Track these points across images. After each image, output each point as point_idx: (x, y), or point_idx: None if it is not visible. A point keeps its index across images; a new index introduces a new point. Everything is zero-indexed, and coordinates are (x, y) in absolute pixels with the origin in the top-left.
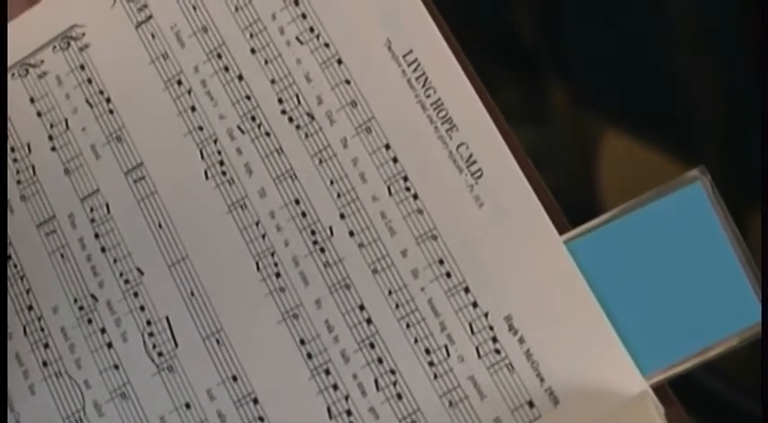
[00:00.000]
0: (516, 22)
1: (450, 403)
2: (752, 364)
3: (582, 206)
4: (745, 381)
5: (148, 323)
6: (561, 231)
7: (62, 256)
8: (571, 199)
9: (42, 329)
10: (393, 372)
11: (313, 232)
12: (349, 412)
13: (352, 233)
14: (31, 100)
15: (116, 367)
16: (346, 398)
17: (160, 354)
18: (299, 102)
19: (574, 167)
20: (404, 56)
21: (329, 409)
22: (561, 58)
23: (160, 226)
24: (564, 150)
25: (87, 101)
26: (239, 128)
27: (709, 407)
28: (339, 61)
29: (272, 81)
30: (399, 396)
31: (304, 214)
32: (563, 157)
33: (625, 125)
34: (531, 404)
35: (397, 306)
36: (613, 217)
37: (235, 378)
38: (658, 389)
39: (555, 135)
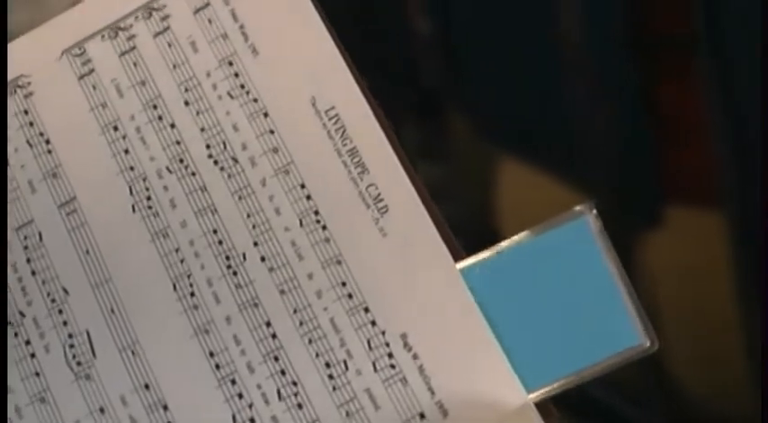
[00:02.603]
0: (418, 60)
1: (348, 413)
2: (631, 371)
3: (481, 234)
4: (628, 388)
5: (70, 336)
6: (458, 259)
7: None
8: (471, 228)
9: None
10: (295, 383)
11: (227, 258)
12: (252, 420)
13: (263, 258)
14: None
15: (37, 375)
16: (250, 406)
17: (79, 363)
18: (225, 147)
19: (473, 198)
20: (326, 111)
21: (234, 417)
22: (461, 94)
23: (87, 252)
24: (464, 182)
25: (28, 141)
26: (168, 168)
27: (592, 413)
28: (266, 114)
29: (202, 129)
30: (300, 406)
31: (221, 242)
32: (463, 188)
33: (522, 157)
34: (422, 416)
35: (301, 323)
36: (505, 247)
37: (147, 386)
38: (541, 403)
39: (456, 167)
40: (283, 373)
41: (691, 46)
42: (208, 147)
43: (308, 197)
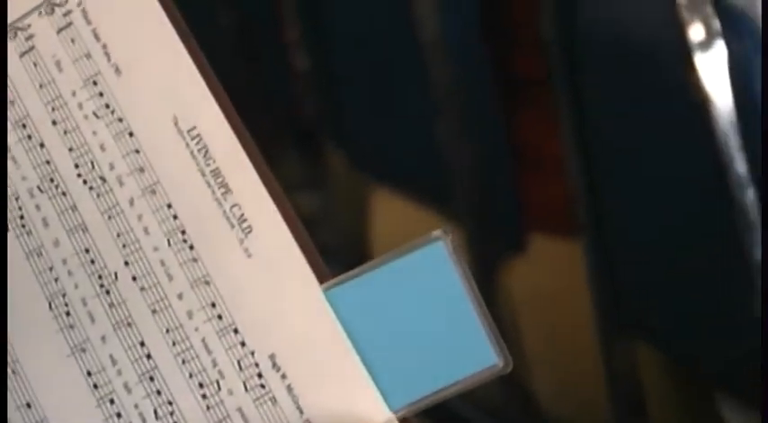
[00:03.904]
0: (297, 94)
1: None
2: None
3: (354, 259)
4: (489, 403)
5: None
6: (323, 281)
7: None
8: (345, 253)
9: None
10: (170, 403)
11: (100, 277)
12: None
13: (134, 278)
14: None
15: None
16: None
17: None
18: (93, 167)
19: (349, 225)
20: (188, 131)
21: None
22: (338, 126)
23: None
24: (340, 209)
25: None
26: (39, 188)
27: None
28: (131, 134)
29: (70, 149)
30: None
31: (93, 261)
32: (339, 215)
33: (395, 186)
34: None
35: (174, 343)
36: (366, 270)
37: (29, 405)
38: (404, 420)
39: (332, 196)
40: (159, 393)
41: (548, 84)
42: (77, 166)
43: (175, 217)
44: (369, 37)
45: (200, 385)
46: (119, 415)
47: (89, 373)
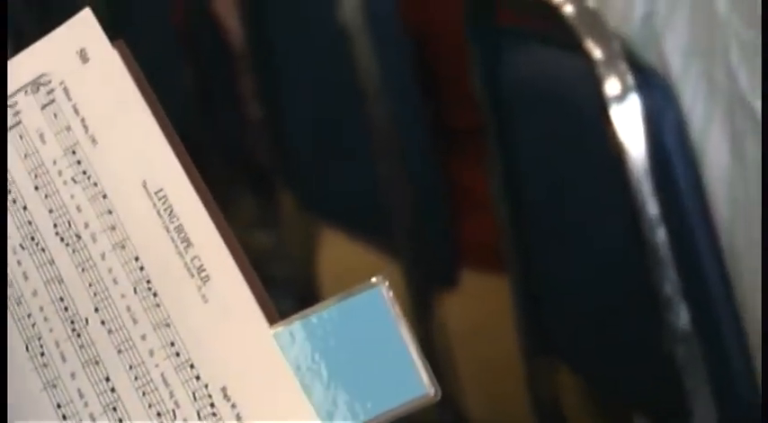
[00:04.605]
0: (251, 142)
1: None
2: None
3: (303, 296)
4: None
5: None
6: (273, 322)
7: None
8: (295, 290)
9: None
10: None
11: (72, 322)
12: None
13: (103, 322)
14: None
15: None
16: None
17: None
18: (69, 226)
19: (298, 260)
20: (155, 193)
21: None
22: (288, 171)
23: None
24: (291, 246)
25: None
26: (21, 245)
27: None
28: (104, 196)
29: (50, 211)
30: None
31: (66, 309)
32: (290, 251)
33: (341, 227)
34: None
35: (136, 378)
36: (312, 313)
37: None
38: None
39: (283, 233)
40: (121, 421)
41: (479, 134)
42: (55, 226)
43: (141, 268)
44: (315, 88)
45: (158, 414)
46: None
47: (59, 406)
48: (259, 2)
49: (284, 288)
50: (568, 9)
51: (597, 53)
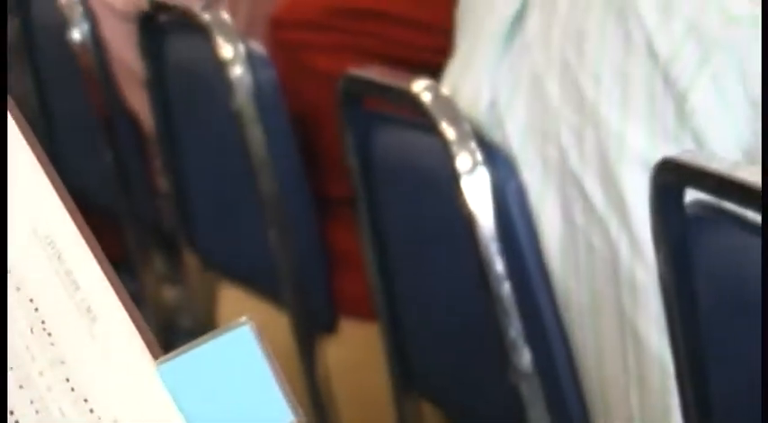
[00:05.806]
0: (161, 210)
1: None
2: None
3: None
4: None
5: None
6: (158, 357)
7: None
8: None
9: None
10: None
11: None
12: None
13: (5, 361)
14: None
15: None
16: None
17: None
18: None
19: (202, 311)
20: (45, 237)
21: None
22: (191, 235)
23: None
24: (195, 299)
25: None
26: None
27: None
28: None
29: None
30: None
31: None
32: (194, 304)
33: (236, 280)
34: None
35: (37, 412)
36: (189, 349)
37: None
38: None
39: (188, 289)
40: None
41: (352, 203)
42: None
43: (37, 310)
44: (214, 165)
45: None
46: None
47: None
48: (165, 97)
49: (190, 336)
50: (426, 96)
51: (450, 134)
